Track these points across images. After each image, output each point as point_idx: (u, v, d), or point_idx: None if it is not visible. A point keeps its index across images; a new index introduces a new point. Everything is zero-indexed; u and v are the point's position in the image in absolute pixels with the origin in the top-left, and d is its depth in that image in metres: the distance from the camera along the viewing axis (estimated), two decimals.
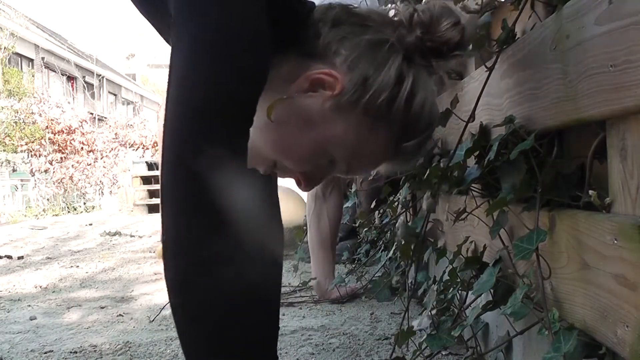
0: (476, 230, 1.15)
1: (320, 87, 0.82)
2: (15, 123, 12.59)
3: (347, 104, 0.82)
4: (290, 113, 0.83)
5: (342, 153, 0.86)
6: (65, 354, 1.58)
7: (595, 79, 0.65)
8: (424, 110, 0.85)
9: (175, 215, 0.71)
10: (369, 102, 0.82)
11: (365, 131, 0.85)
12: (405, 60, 0.83)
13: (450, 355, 1.37)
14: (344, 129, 0.84)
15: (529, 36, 0.84)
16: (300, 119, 0.84)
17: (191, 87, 0.71)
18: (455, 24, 0.84)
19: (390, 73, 0.82)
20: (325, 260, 2.20)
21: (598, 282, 0.68)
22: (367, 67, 0.82)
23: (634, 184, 0.62)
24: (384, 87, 0.82)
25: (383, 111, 0.83)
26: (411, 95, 0.83)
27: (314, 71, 0.82)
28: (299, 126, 0.84)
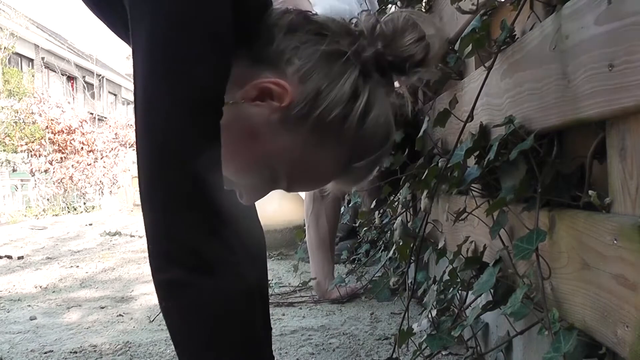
0: (476, 230, 1.15)
1: (268, 97, 0.78)
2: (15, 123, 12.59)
3: (296, 118, 0.78)
4: (233, 120, 0.78)
5: (285, 169, 0.81)
6: (65, 354, 1.58)
7: (594, 79, 0.65)
8: (377, 128, 0.81)
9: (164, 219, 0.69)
10: (319, 117, 0.77)
11: (312, 148, 0.80)
12: (362, 75, 0.79)
13: (450, 355, 1.37)
14: (290, 144, 0.79)
15: (529, 36, 0.84)
16: (243, 128, 0.79)
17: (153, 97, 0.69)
18: (419, 40, 0.80)
19: (345, 88, 0.77)
20: (324, 260, 2.20)
21: (598, 282, 0.68)
22: (321, 80, 0.77)
23: (634, 184, 0.62)
24: (337, 103, 0.77)
25: (334, 128, 0.78)
26: (365, 113, 0.78)
27: (263, 79, 0.78)
28: (240, 136, 0.79)
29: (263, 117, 0.78)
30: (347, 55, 0.78)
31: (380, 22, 0.81)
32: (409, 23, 0.81)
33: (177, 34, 0.69)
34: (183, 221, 0.69)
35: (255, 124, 0.79)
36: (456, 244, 1.23)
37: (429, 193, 1.19)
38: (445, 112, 1.16)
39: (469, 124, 1.04)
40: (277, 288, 2.21)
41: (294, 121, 0.78)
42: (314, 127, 0.78)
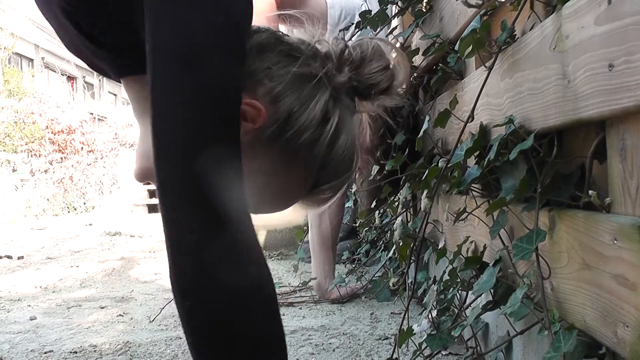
0: (476, 230, 1.15)
1: (242, 118, 0.76)
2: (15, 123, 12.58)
3: (266, 139, 0.77)
4: None
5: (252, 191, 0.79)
6: (65, 354, 1.58)
7: (594, 79, 0.65)
8: (345, 153, 0.81)
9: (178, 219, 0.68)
10: (289, 140, 0.77)
11: (279, 170, 0.80)
12: (332, 98, 0.79)
13: (450, 355, 1.37)
14: (258, 165, 0.79)
15: (529, 36, 0.84)
16: None
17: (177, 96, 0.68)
18: (385, 69, 0.81)
19: (316, 110, 0.77)
20: (325, 261, 2.20)
21: (598, 282, 0.68)
22: (292, 103, 0.77)
23: (634, 184, 0.62)
24: (307, 126, 0.77)
25: (303, 151, 0.78)
26: (335, 137, 0.79)
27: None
28: None
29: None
30: (318, 78, 0.77)
31: (349, 47, 0.81)
32: (376, 52, 0.81)
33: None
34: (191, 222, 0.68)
35: None
36: (456, 244, 1.23)
37: (429, 193, 1.19)
38: (445, 112, 1.16)
39: (469, 124, 1.04)
40: (277, 288, 2.20)
41: (264, 142, 0.78)
42: (283, 149, 0.78)
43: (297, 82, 0.78)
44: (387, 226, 2.23)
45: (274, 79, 0.77)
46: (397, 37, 1.84)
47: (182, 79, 0.68)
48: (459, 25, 1.27)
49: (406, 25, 1.94)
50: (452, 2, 1.31)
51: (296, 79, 0.78)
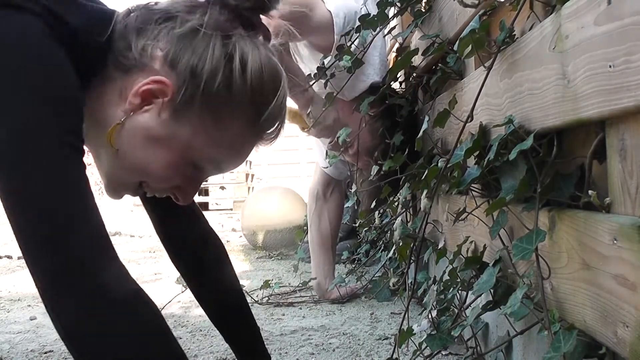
0: (476, 230, 1.15)
1: (153, 98, 0.79)
2: None
3: (184, 104, 0.79)
4: (131, 135, 0.80)
5: (201, 156, 0.83)
6: (65, 354, 1.58)
7: (594, 79, 0.65)
8: (263, 75, 0.82)
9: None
10: (205, 93, 0.79)
11: (214, 124, 0.81)
12: (224, 38, 0.80)
13: (450, 355, 1.37)
14: (191, 132, 0.80)
15: (528, 36, 0.84)
16: (143, 137, 0.80)
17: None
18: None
19: (215, 56, 0.79)
20: (325, 261, 2.20)
21: (598, 282, 0.68)
22: (190, 59, 0.78)
23: (634, 184, 0.62)
24: (214, 72, 0.79)
25: (223, 96, 0.80)
26: (244, 67, 0.80)
27: (138, 85, 0.78)
28: (145, 145, 0.80)
29: (155, 119, 0.80)
30: (203, 27, 0.79)
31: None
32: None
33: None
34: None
35: (152, 128, 0.80)
36: (456, 244, 1.23)
37: (428, 193, 1.19)
38: (444, 112, 1.16)
39: (468, 124, 1.04)
40: (277, 288, 2.20)
41: (184, 108, 0.79)
42: (204, 104, 0.79)
43: (184, 40, 0.79)
44: (387, 226, 2.23)
45: (163, 48, 0.79)
46: (397, 37, 1.84)
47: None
48: (458, 25, 1.27)
49: (405, 25, 1.94)
50: (451, 2, 1.31)
51: (182, 37, 0.80)
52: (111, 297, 0.69)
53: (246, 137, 0.86)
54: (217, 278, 1.12)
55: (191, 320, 1.91)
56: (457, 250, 1.20)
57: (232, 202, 8.19)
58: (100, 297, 0.68)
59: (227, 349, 1.55)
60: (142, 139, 0.80)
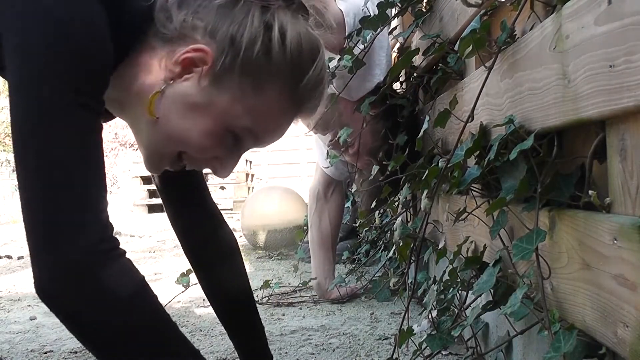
0: (476, 230, 1.15)
1: (193, 66, 0.80)
2: None
3: (224, 72, 0.80)
4: (171, 103, 0.81)
5: (240, 124, 0.83)
6: (65, 354, 1.58)
7: (594, 79, 0.65)
8: (302, 45, 0.83)
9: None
10: (244, 60, 0.80)
11: (251, 92, 0.82)
12: (265, 9, 0.81)
13: (450, 355, 1.37)
14: (231, 99, 0.81)
15: (529, 36, 0.84)
16: (183, 105, 0.81)
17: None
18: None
19: (255, 24, 0.80)
20: (325, 261, 2.20)
21: (598, 282, 0.68)
22: (229, 28, 0.80)
23: (634, 184, 0.62)
24: (254, 40, 0.80)
25: (262, 65, 0.80)
26: (283, 37, 0.81)
27: (179, 54, 0.80)
28: (185, 113, 0.82)
29: (195, 86, 0.81)
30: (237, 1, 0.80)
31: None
32: None
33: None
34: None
35: (192, 96, 0.81)
36: (456, 244, 1.23)
37: (429, 193, 1.19)
38: (445, 112, 1.16)
39: (469, 124, 1.04)
40: (277, 288, 2.20)
41: (223, 76, 0.80)
42: (244, 72, 0.80)
43: (224, 10, 0.81)
44: (387, 226, 2.23)
45: (203, 18, 0.80)
46: (397, 37, 1.84)
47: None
48: (459, 25, 1.27)
49: (406, 25, 1.95)
50: (452, 2, 1.31)
51: (222, 7, 0.81)
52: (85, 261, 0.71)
53: (285, 107, 0.86)
54: (227, 274, 1.14)
55: (191, 320, 1.91)
56: (457, 250, 1.20)
57: (232, 202, 8.18)
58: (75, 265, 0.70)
59: (227, 349, 1.55)
60: (182, 106, 0.81)
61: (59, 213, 0.70)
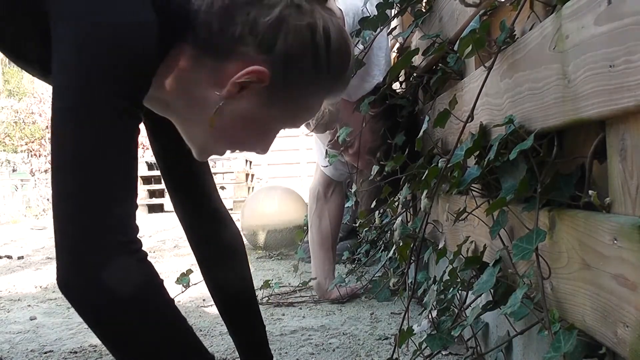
0: (476, 230, 1.15)
1: (250, 84, 0.82)
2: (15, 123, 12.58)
3: (278, 87, 0.84)
4: (228, 116, 0.85)
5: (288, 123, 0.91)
6: (65, 354, 1.58)
7: (594, 79, 0.65)
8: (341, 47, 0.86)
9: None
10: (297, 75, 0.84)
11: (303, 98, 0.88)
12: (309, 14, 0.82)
13: (450, 355, 1.37)
14: (284, 109, 0.87)
15: (529, 36, 0.84)
16: (240, 119, 0.86)
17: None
18: None
19: (303, 33, 0.81)
20: (325, 261, 2.20)
21: (598, 282, 0.68)
22: (282, 44, 0.81)
23: (634, 184, 0.62)
24: (305, 53, 0.82)
25: (312, 74, 0.85)
26: (327, 44, 0.84)
27: (238, 75, 0.81)
28: (242, 126, 0.87)
29: (251, 104, 0.85)
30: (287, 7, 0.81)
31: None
32: None
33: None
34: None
35: (249, 111, 0.85)
36: (456, 244, 1.23)
37: (429, 193, 1.19)
38: (445, 112, 1.16)
39: (469, 124, 1.04)
40: (277, 288, 2.20)
41: (277, 91, 0.84)
42: (295, 84, 0.85)
43: (274, 24, 0.81)
44: (387, 226, 2.23)
45: (254, 32, 0.81)
46: (397, 37, 1.84)
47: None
48: (459, 25, 1.27)
49: (406, 25, 1.94)
50: (451, 2, 1.31)
51: (273, 22, 0.81)
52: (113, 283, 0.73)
53: (321, 100, 0.92)
54: (231, 272, 1.15)
55: (191, 320, 1.91)
56: (457, 250, 1.20)
57: (232, 202, 8.18)
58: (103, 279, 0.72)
59: (227, 349, 1.55)
60: (241, 121, 0.86)
61: (88, 212, 0.72)
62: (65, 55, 0.74)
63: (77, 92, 0.74)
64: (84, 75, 0.73)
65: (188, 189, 1.12)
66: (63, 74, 0.74)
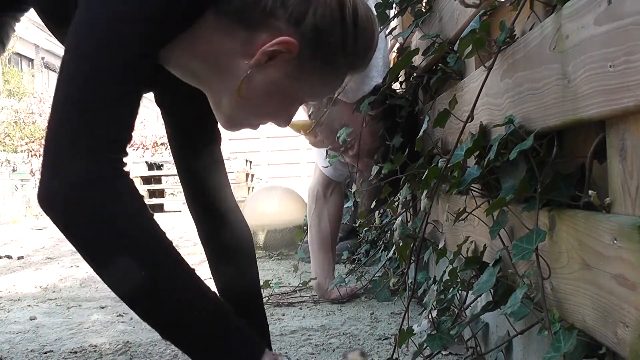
0: (476, 230, 1.15)
1: (279, 54, 0.84)
2: (15, 123, 12.56)
3: (306, 60, 0.85)
4: (256, 86, 0.87)
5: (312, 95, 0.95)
6: (65, 354, 1.58)
7: (594, 79, 0.65)
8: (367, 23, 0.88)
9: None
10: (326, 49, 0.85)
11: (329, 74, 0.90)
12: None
13: (450, 355, 1.37)
14: (311, 83, 0.90)
15: (529, 36, 0.84)
16: (267, 89, 0.88)
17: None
18: None
19: (332, 8, 0.83)
20: (325, 261, 2.20)
21: (598, 282, 0.68)
22: (311, 17, 0.83)
23: (634, 184, 0.62)
24: (334, 27, 0.84)
25: (339, 49, 0.86)
26: (355, 20, 0.86)
27: (268, 45, 0.83)
28: (268, 95, 0.89)
29: (280, 74, 0.87)
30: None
31: None
32: None
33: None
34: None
35: (277, 81, 0.87)
36: (456, 244, 1.23)
37: (428, 193, 1.19)
38: (445, 112, 1.16)
39: (469, 124, 1.04)
40: (277, 288, 2.20)
41: (305, 64, 0.86)
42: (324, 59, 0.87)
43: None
44: (387, 226, 2.23)
45: (285, 6, 0.83)
46: (397, 37, 1.84)
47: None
48: (459, 25, 1.27)
49: (406, 25, 1.94)
50: (451, 2, 1.31)
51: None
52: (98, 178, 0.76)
53: (344, 75, 0.94)
54: (237, 269, 1.17)
55: None
56: (457, 250, 1.20)
57: None
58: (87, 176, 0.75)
59: None
60: (266, 90, 0.88)
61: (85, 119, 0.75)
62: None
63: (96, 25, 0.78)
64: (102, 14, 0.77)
65: (202, 183, 1.13)
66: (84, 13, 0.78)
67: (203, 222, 1.15)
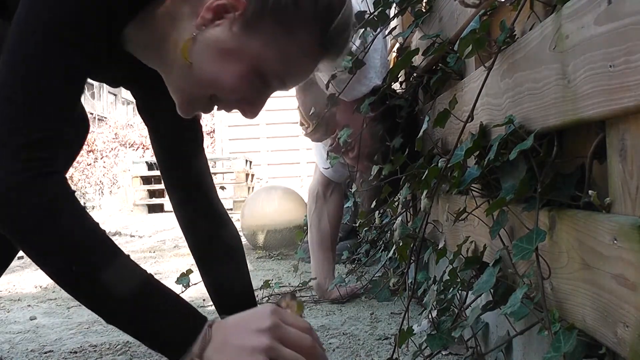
0: (476, 230, 1.15)
1: (224, 12, 0.82)
2: None
3: (255, 17, 0.82)
4: (204, 48, 0.83)
5: (269, 68, 0.86)
6: (65, 354, 1.58)
7: (594, 79, 0.65)
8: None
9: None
10: (274, 6, 0.81)
11: (281, 37, 0.84)
12: None
13: (450, 355, 1.37)
14: (261, 44, 0.83)
15: (529, 36, 0.84)
16: (216, 50, 0.84)
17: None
18: None
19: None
20: (325, 261, 2.20)
21: (598, 282, 0.68)
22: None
23: (634, 184, 0.62)
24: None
25: (291, 10, 0.82)
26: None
27: (211, 1, 0.81)
28: (218, 58, 0.84)
29: (227, 32, 0.82)
30: None
31: None
32: None
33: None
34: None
35: (223, 42, 0.83)
36: (456, 244, 1.23)
37: (428, 193, 1.19)
38: (445, 112, 1.16)
39: (469, 124, 1.04)
40: (277, 288, 2.20)
41: (254, 22, 0.82)
42: (273, 17, 0.82)
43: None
44: (387, 226, 2.23)
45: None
46: (397, 37, 1.84)
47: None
48: (459, 25, 1.27)
49: (406, 25, 1.94)
50: (451, 2, 1.31)
51: None
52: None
53: (312, 52, 0.88)
54: (228, 273, 1.16)
55: None
56: (457, 250, 1.20)
57: (232, 202, 8.17)
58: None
59: None
60: (215, 52, 0.84)
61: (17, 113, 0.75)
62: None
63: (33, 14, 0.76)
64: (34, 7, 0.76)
65: (187, 189, 1.12)
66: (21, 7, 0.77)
67: (201, 225, 1.14)
